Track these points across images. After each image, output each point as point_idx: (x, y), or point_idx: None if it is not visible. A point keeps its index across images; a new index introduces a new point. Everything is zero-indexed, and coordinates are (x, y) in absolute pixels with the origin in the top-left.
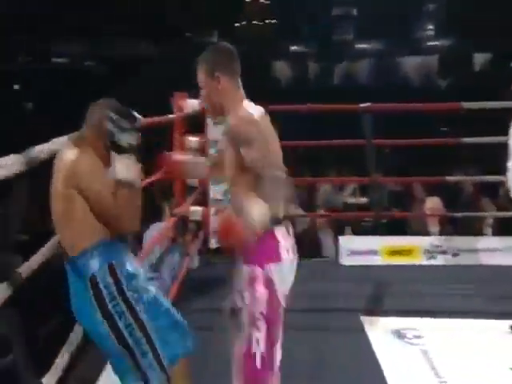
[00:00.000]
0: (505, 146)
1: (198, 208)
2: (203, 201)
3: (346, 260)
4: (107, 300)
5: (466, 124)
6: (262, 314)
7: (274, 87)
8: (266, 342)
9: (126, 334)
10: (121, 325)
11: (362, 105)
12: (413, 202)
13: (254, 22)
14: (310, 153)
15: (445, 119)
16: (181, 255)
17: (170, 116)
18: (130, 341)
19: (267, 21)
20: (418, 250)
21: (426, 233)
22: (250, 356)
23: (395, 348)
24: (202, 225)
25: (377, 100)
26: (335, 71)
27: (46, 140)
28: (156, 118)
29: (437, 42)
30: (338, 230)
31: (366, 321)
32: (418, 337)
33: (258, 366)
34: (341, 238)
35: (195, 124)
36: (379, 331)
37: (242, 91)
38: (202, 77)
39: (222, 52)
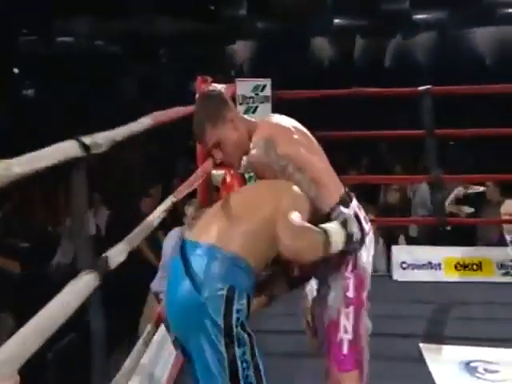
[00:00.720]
0: None
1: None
2: None
3: (399, 275)
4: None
5: None
6: (351, 298)
7: (315, 68)
8: (354, 327)
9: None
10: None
11: (420, 88)
12: (485, 205)
13: None
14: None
15: None
16: None
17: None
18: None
19: None
20: (491, 263)
21: (501, 243)
22: (338, 343)
23: (463, 381)
24: None
25: (438, 83)
26: (387, 48)
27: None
28: (180, 109)
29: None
30: (390, 239)
31: (427, 349)
32: (493, 371)
33: (345, 352)
34: (394, 248)
35: None
36: (443, 362)
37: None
38: (213, 134)
39: (209, 98)
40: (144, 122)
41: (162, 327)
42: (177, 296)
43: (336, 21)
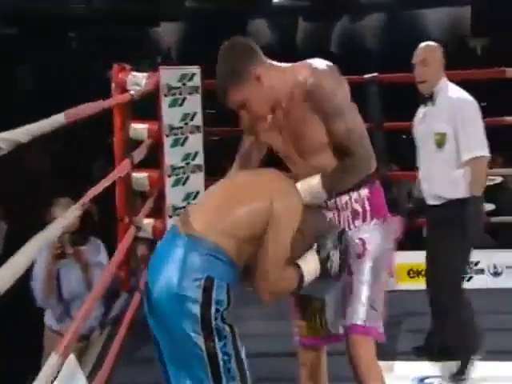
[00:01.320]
0: None
1: (150, 220)
2: (157, 210)
3: None
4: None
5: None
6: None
7: None
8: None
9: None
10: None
11: (366, 76)
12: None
13: None
14: None
15: (481, 92)
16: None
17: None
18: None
19: None
20: None
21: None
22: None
23: None
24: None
25: (387, 69)
26: (333, 31)
27: None
28: (95, 105)
29: None
30: None
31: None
32: None
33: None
34: None
35: (144, 106)
36: (396, 380)
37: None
38: (237, 94)
39: (232, 51)
40: (56, 120)
41: (70, 360)
42: (156, 285)
43: (276, 0)
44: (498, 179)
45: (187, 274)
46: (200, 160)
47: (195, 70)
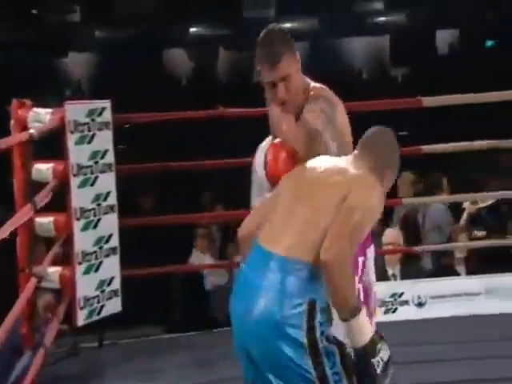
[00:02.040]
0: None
1: (56, 268)
2: (65, 257)
3: None
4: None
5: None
6: None
7: (172, 84)
8: None
9: None
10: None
11: None
12: None
13: None
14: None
15: (404, 120)
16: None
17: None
18: None
19: None
20: None
21: (382, 278)
22: None
23: None
24: (63, 293)
25: None
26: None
27: None
28: None
29: (388, 18)
30: None
31: None
32: None
33: None
34: None
35: (49, 144)
36: None
37: None
38: (288, 64)
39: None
40: None
41: None
42: (252, 314)
43: (193, 30)
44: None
45: (288, 301)
46: (113, 200)
47: (105, 104)
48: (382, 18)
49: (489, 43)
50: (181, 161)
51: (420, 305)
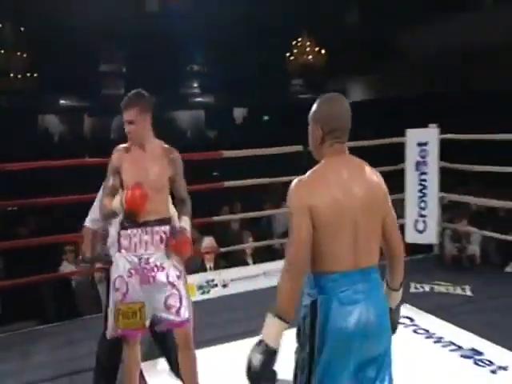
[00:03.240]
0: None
1: None
2: None
3: None
4: None
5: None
6: None
7: (47, 143)
8: None
9: None
10: None
11: None
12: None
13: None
14: None
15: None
16: None
17: None
18: None
19: (29, 74)
20: (193, 287)
21: (204, 269)
22: None
23: None
24: None
25: None
26: (112, 124)
27: None
28: None
29: (202, 98)
30: None
31: (145, 366)
32: None
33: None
34: None
35: None
36: (157, 374)
37: None
38: (135, 114)
39: None
40: None
41: None
42: (379, 324)
43: (63, 102)
44: None
45: (387, 309)
46: None
47: None
48: (199, 99)
49: (265, 117)
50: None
51: (224, 286)
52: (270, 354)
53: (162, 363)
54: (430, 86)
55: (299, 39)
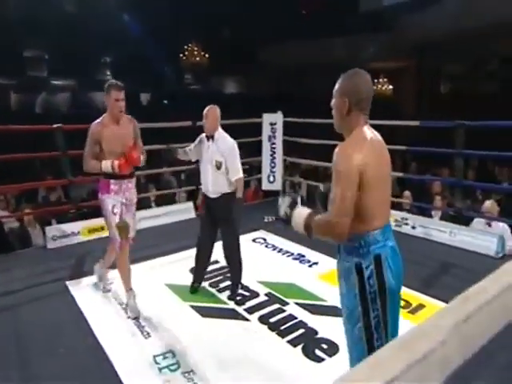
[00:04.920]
0: None
1: None
2: None
3: (51, 244)
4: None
5: None
6: None
7: None
8: None
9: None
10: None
11: (55, 125)
12: None
13: None
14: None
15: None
16: None
17: None
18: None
19: None
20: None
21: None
22: None
23: (94, 298)
24: None
25: (76, 122)
26: (37, 100)
27: None
28: None
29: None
30: (46, 223)
31: (71, 284)
32: (111, 283)
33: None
34: (47, 229)
35: None
36: (82, 289)
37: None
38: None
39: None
40: None
41: None
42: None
43: None
44: None
45: None
46: None
47: None
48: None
49: (165, 101)
50: None
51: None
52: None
53: (86, 280)
54: (278, 86)
55: (189, 44)
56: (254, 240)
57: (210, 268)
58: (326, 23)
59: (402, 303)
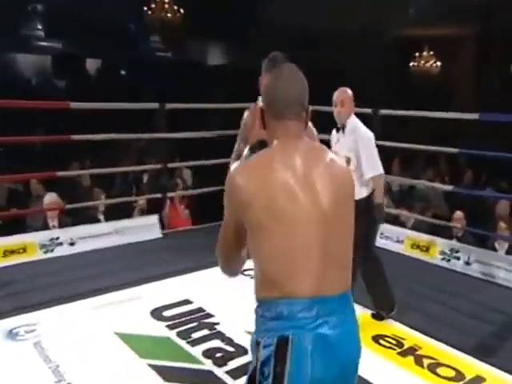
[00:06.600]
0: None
1: None
2: None
3: None
4: None
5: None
6: None
7: None
8: None
9: None
10: None
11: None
12: (31, 199)
13: None
14: None
15: (65, 117)
16: None
17: None
18: None
19: None
20: (34, 245)
21: (47, 228)
22: None
23: (7, 349)
24: None
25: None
26: None
27: None
28: None
29: (49, 43)
30: None
31: None
32: (31, 331)
33: None
34: None
35: None
36: None
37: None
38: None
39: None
40: None
41: None
42: (350, 355)
43: None
44: None
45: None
46: None
47: None
48: (44, 43)
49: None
50: None
51: (72, 244)
52: None
53: None
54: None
55: None
56: (243, 272)
57: (178, 311)
58: None
59: (451, 373)
